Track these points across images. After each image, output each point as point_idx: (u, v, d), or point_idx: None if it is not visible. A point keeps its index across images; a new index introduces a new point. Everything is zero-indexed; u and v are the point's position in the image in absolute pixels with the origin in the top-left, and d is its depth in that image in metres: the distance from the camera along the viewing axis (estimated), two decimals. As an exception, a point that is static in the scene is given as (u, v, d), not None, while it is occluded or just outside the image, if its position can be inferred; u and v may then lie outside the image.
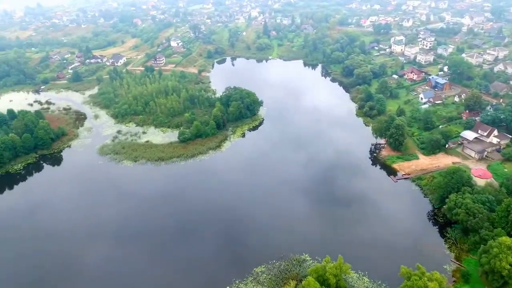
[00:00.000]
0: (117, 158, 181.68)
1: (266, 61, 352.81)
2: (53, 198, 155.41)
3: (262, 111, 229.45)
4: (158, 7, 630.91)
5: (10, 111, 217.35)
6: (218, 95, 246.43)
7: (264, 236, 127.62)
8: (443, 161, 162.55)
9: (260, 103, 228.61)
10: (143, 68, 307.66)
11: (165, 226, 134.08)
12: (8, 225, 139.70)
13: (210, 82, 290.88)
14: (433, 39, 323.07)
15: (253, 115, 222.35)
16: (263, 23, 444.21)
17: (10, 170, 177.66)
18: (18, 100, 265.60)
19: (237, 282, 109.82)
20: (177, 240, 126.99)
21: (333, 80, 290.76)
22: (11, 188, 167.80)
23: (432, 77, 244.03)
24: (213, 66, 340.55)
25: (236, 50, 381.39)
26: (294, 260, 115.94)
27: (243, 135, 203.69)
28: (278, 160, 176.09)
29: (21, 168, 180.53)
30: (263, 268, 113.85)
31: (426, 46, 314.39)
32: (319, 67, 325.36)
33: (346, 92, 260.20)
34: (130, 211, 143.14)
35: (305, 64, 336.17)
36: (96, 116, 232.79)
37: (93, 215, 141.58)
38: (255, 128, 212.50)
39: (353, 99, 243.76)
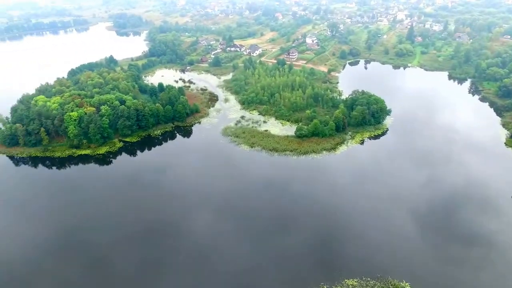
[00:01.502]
0: (236, 141, 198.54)
1: (404, 69, 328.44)
2: (180, 162, 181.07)
3: (388, 120, 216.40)
4: (300, 3, 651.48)
5: (160, 85, 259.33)
6: (343, 96, 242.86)
7: (364, 249, 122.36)
8: None
9: (387, 112, 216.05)
10: (275, 61, 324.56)
11: (266, 212, 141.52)
12: (145, 176, 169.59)
13: (338, 82, 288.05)
14: None
15: (378, 123, 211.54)
16: (408, 27, 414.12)
17: (151, 134, 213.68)
18: (168, 76, 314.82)
19: (325, 287, 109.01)
20: (277, 228, 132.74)
21: (482, 99, 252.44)
22: (149, 149, 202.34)
23: None
24: (344, 67, 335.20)
25: (372, 53, 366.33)
26: (392, 285, 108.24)
27: (362, 142, 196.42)
28: (394, 175, 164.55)
29: (160, 134, 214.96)
30: (355, 282, 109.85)
31: None
32: (467, 83, 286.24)
33: (498, 115, 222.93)
34: (235, 192, 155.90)
35: (450, 77, 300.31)
36: (226, 100, 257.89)
37: (209, 185, 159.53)
38: (376, 137, 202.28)
39: (505, 125, 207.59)
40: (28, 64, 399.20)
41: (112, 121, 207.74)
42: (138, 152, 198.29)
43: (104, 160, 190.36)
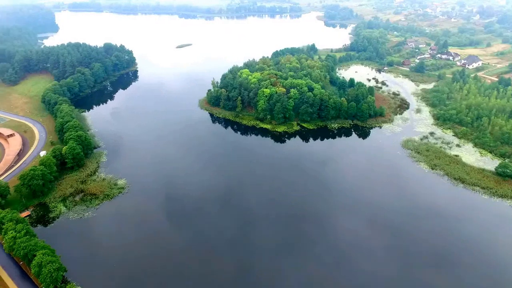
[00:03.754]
0: (416, 157, 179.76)
1: None
2: (346, 161, 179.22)
3: None
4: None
5: (351, 80, 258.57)
6: None
7: None
8: None
9: None
10: (496, 79, 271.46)
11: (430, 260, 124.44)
12: (307, 164, 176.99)
13: None
14: None
15: None
16: None
17: (328, 126, 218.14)
18: (362, 73, 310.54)
19: None
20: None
21: None
22: (322, 139, 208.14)
23: None
24: None
25: None
26: None
27: None
28: None
29: (336, 127, 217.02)
30: None
31: None
32: None
33: None
34: (398, 216, 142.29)
35: None
36: (418, 110, 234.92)
37: (368, 194, 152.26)
38: None
39: None
40: (244, 40, 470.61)
41: (297, 104, 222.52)
42: (311, 140, 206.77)
43: (279, 137, 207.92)
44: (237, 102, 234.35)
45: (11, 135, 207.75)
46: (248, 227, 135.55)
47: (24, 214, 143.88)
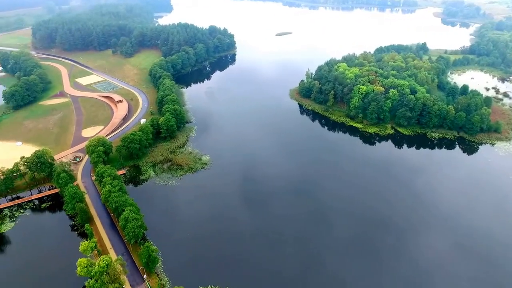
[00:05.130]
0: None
1: None
2: (442, 178, 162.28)
3: None
4: None
5: (464, 87, 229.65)
6: None
7: None
8: None
9: None
10: None
11: None
12: (400, 172, 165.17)
13: None
14: None
15: None
16: None
17: (427, 134, 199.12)
18: (479, 81, 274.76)
19: None
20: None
21: None
22: (418, 147, 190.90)
23: None
24: None
25: None
26: None
27: None
28: None
29: (437, 137, 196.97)
30: None
31: None
32: None
33: None
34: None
35: None
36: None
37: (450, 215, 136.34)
38: None
39: None
40: (346, 32, 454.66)
41: (394, 106, 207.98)
42: (405, 146, 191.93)
43: (369, 138, 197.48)
44: (329, 96, 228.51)
45: (120, 101, 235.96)
46: (321, 224, 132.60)
47: (121, 172, 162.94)
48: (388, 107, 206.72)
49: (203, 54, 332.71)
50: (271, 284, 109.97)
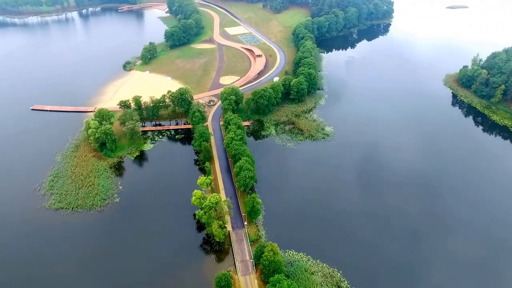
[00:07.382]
0: None
1: None
2: None
3: None
4: None
5: None
6: None
7: None
8: None
9: None
10: None
11: None
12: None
13: None
14: None
15: None
16: None
17: None
18: None
19: None
20: None
21: None
22: None
23: None
24: None
25: None
26: None
27: None
28: None
29: None
30: None
31: None
32: None
33: None
34: None
35: None
36: None
37: None
38: None
39: None
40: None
41: None
42: None
43: None
44: (497, 91, 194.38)
45: (259, 56, 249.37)
46: (438, 228, 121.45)
47: (245, 123, 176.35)
48: None
49: (353, 20, 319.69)
50: (370, 267, 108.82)
